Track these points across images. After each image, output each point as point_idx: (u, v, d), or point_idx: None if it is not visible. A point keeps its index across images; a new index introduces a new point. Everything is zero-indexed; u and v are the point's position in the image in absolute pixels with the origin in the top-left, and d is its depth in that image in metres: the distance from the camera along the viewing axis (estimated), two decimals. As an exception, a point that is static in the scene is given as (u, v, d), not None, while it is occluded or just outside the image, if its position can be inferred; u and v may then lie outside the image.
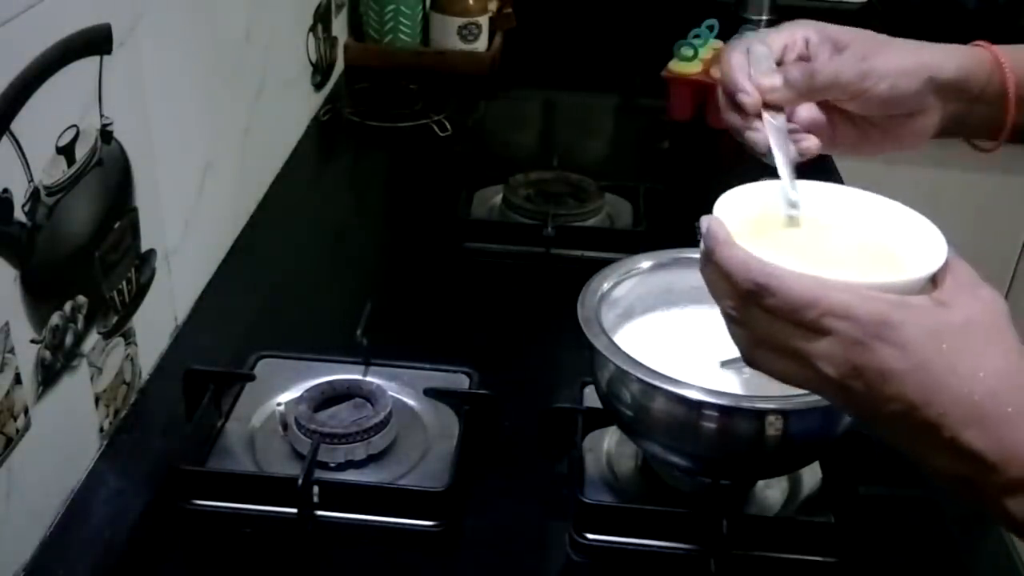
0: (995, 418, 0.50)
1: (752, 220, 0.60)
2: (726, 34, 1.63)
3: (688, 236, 0.70)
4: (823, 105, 0.71)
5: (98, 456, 0.87)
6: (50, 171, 0.76)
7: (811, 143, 0.69)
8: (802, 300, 0.51)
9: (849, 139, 0.73)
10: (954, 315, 0.52)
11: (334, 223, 1.32)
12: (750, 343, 0.56)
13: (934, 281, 0.55)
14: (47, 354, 0.77)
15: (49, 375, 0.78)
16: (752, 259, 0.53)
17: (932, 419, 0.50)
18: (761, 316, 0.53)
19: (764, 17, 2.04)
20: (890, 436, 0.54)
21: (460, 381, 0.93)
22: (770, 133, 0.67)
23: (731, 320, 0.56)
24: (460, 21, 1.72)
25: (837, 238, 0.62)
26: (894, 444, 0.54)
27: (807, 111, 0.71)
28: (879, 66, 0.69)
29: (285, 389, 0.91)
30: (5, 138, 0.70)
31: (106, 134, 0.85)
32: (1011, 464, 0.50)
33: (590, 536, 0.79)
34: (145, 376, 0.96)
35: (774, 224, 0.62)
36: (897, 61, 0.70)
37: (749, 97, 0.68)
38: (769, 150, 0.67)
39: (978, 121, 0.75)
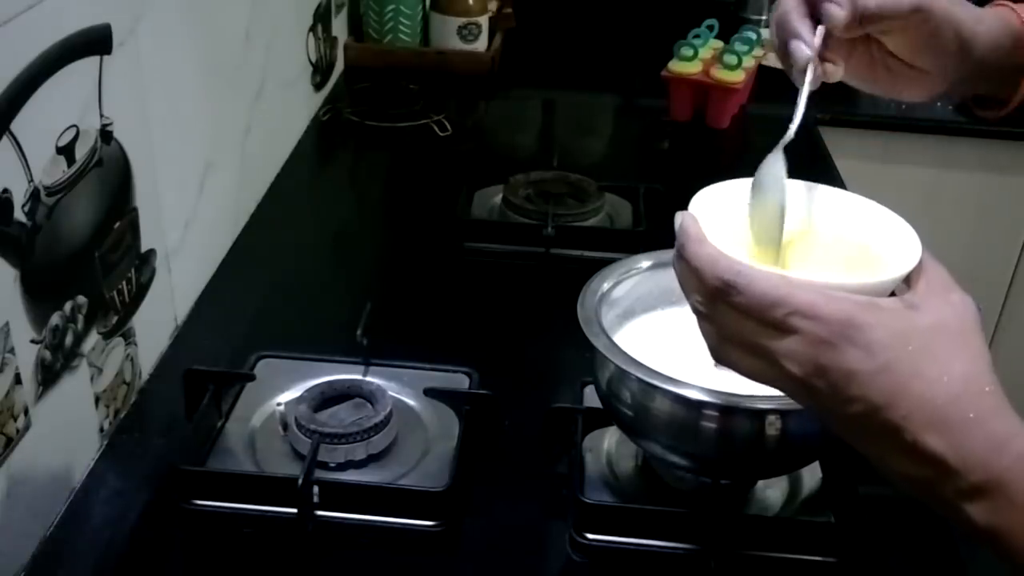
0: (957, 423, 0.50)
1: (729, 217, 0.61)
2: (726, 34, 1.63)
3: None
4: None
5: (98, 456, 0.87)
6: (50, 171, 0.76)
7: (839, 70, 0.67)
8: (769, 298, 0.52)
9: (860, 69, 0.71)
10: (922, 318, 0.52)
11: (334, 223, 1.32)
12: (717, 339, 0.56)
13: (907, 282, 0.55)
14: (47, 354, 0.77)
15: (49, 375, 0.78)
16: (721, 256, 0.53)
17: (895, 421, 0.50)
18: (728, 313, 0.53)
19: (764, 17, 2.04)
20: (853, 437, 0.54)
21: (460, 381, 0.93)
22: (805, 82, 0.65)
23: (699, 315, 0.56)
24: (460, 21, 1.72)
25: (813, 237, 0.63)
26: (856, 446, 0.54)
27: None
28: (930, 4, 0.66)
29: (285, 389, 0.91)
30: (5, 138, 0.70)
31: (106, 134, 0.85)
32: (971, 469, 0.49)
33: (590, 536, 0.79)
34: (145, 376, 0.96)
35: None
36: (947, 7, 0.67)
37: (803, 52, 0.64)
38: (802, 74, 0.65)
39: (985, 87, 0.73)
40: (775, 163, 0.62)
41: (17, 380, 0.73)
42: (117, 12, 0.85)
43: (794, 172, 0.64)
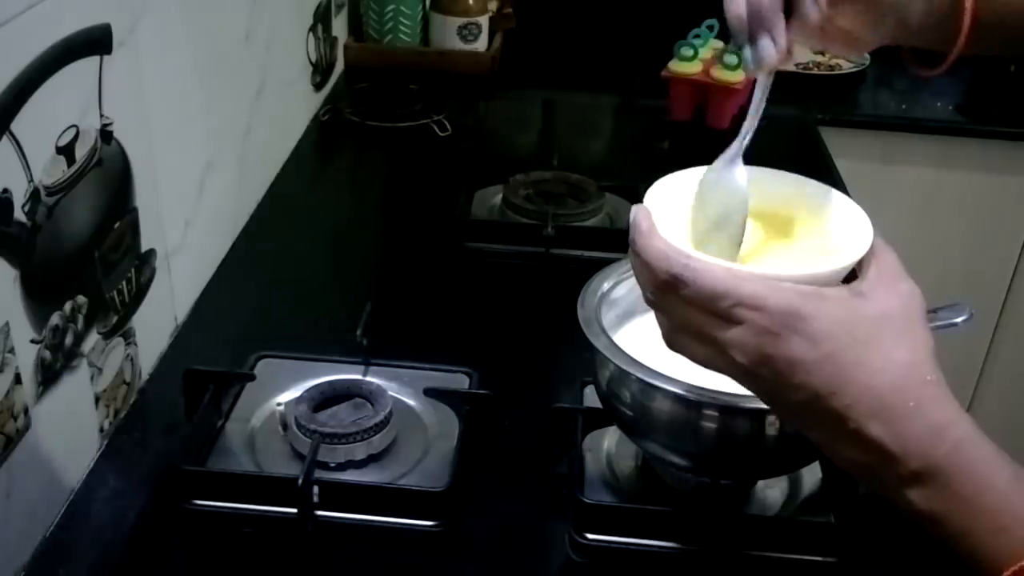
0: (898, 411, 0.51)
1: (684, 207, 0.61)
2: (726, 34, 1.63)
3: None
4: None
5: (98, 456, 0.87)
6: (50, 171, 0.76)
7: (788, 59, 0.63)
8: (715, 291, 0.53)
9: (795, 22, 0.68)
10: (869, 307, 0.53)
11: (334, 223, 1.32)
12: (669, 328, 0.58)
13: (859, 269, 0.56)
14: (47, 354, 0.77)
15: (49, 375, 0.78)
16: (671, 250, 0.55)
17: (838, 409, 0.52)
18: (679, 304, 0.55)
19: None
20: (798, 424, 0.55)
21: (460, 381, 0.93)
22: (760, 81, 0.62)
23: (653, 306, 0.58)
24: (460, 21, 1.72)
25: (767, 226, 0.63)
26: (803, 430, 0.55)
27: None
28: None
29: (285, 389, 0.91)
30: (5, 138, 0.70)
31: (106, 134, 0.85)
32: (911, 456, 0.51)
33: (590, 536, 0.79)
34: (145, 376, 0.96)
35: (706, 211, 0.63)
36: None
37: (771, 54, 0.60)
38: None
39: (920, 43, 0.73)
40: (731, 173, 0.61)
41: (17, 380, 0.73)
42: (117, 12, 0.85)
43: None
